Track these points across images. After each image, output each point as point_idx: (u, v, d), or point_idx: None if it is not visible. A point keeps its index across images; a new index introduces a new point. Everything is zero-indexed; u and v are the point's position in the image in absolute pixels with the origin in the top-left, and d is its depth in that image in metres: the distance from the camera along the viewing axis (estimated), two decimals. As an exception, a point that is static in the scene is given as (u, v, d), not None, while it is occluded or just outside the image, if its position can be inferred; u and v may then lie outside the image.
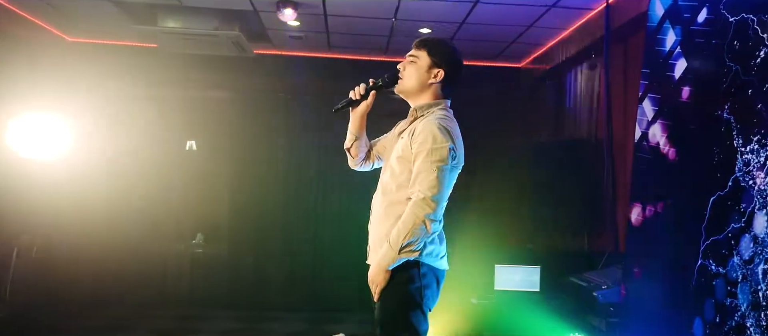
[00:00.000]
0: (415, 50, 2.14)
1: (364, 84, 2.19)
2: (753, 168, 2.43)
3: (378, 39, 5.54)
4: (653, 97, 3.34)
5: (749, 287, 2.39)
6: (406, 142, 2.07)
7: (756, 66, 2.48)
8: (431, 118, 2.07)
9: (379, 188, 2.17)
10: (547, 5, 4.38)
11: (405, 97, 2.20)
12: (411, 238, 1.92)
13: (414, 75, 2.12)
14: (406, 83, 2.14)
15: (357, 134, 2.32)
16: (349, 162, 2.47)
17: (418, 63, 2.12)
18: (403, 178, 2.06)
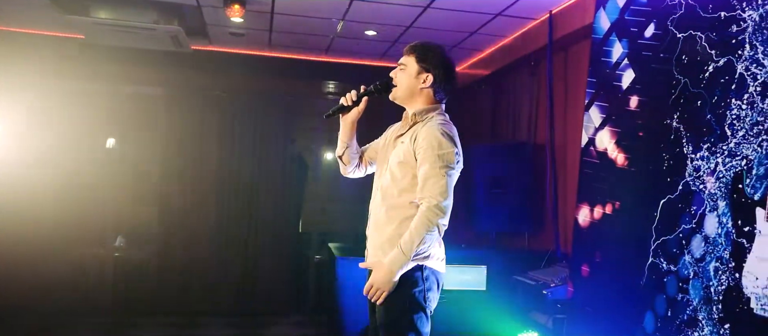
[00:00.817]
0: (404, 57, 2.16)
1: (355, 90, 2.18)
2: (703, 173, 2.64)
3: (321, 39, 5.50)
4: (600, 105, 3.54)
5: (701, 283, 2.59)
6: (408, 147, 2.08)
7: (705, 79, 2.70)
8: (432, 124, 2.10)
9: (377, 193, 2.17)
10: (494, 13, 4.52)
11: (400, 103, 2.21)
12: (425, 243, 1.94)
13: (404, 82, 2.14)
14: (399, 90, 2.16)
15: (348, 142, 2.31)
16: (341, 169, 2.45)
17: (406, 70, 2.15)
18: (405, 183, 2.08)
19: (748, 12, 2.49)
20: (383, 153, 2.24)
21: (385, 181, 2.13)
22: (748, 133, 2.41)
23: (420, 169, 1.99)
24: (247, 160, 6.38)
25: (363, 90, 2.19)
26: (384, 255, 2.05)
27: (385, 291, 1.94)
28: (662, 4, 3.08)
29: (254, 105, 6.34)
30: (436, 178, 1.96)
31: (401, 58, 2.18)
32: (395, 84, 2.15)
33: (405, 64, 2.14)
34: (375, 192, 2.20)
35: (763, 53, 2.40)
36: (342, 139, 2.30)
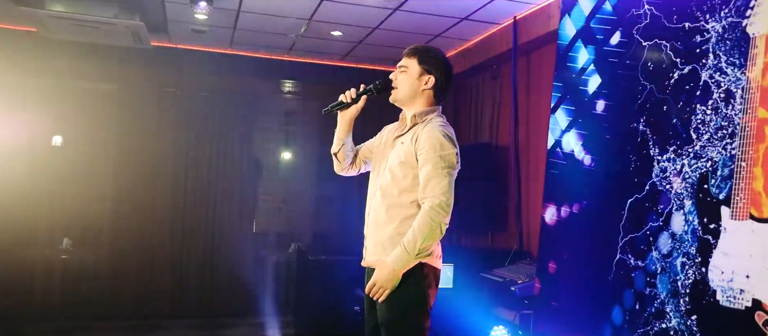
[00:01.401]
0: (405, 59, 2.20)
1: (355, 88, 2.21)
2: (670, 174, 2.81)
3: (286, 38, 5.47)
4: (567, 108, 3.69)
5: (668, 278, 2.75)
6: (409, 148, 2.12)
7: (670, 86, 2.87)
8: (433, 125, 2.15)
9: (377, 193, 2.19)
10: (460, 17, 4.63)
11: (399, 104, 2.25)
12: (428, 242, 1.98)
13: (406, 83, 2.18)
14: (400, 92, 2.19)
15: (344, 139, 2.33)
16: (335, 167, 2.46)
17: (408, 72, 2.18)
18: (406, 182, 2.12)
19: (712, 23, 2.67)
20: (381, 153, 2.28)
21: (385, 180, 2.17)
22: (713, 137, 2.58)
23: (422, 169, 2.04)
24: (203, 159, 6.27)
25: (363, 88, 2.22)
26: (385, 253, 2.09)
27: (388, 289, 1.97)
28: (628, 14, 3.24)
29: (212, 103, 6.23)
30: (439, 178, 2.01)
31: (402, 61, 2.21)
32: (395, 85, 2.18)
33: (406, 66, 2.18)
34: (374, 191, 2.22)
35: (726, 62, 2.57)
36: (338, 135, 2.32)
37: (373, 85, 2.22)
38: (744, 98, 2.46)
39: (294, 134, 6.94)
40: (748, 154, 2.40)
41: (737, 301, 2.38)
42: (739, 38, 2.52)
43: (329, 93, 6.51)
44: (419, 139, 2.10)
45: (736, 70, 2.52)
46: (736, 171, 2.45)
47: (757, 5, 2.46)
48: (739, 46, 2.51)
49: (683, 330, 2.63)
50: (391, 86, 2.19)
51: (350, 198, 6.68)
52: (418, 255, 1.99)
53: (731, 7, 2.58)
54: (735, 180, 2.45)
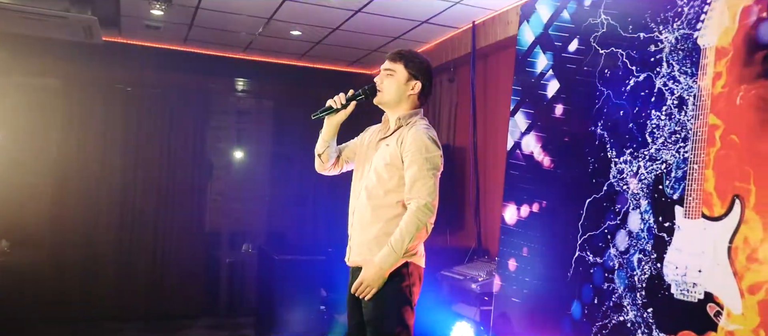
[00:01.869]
0: (390, 63, 2.23)
1: (343, 94, 2.24)
2: (627, 175, 2.97)
3: (242, 37, 5.42)
4: (526, 111, 3.83)
5: (625, 273, 2.92)
6: (395, 149, 2.17)
7: (626, 92, 3.04)
8: (418, 128, 2.21)
9: (361, 194, 2.22)
10: (420, 21, 4.72)
11: (384, 107, 2.29)
12: (415, 241, 2.02)
13: (393, 87, 2.22)
14: (386, 96, 2.23)
15: (329, 141, 2.35)
16: (317, 166, 2.48)
17: (395, 76, 2.22)
18: (392, 183, 2.16)
19: (665, 34, 2.85)
20: (364, 154, 2.31)
21: (370, 181, 2.21)
22: (667, 141, 2.76)
23: (408, 170, 2.09)
24: (153, 158, 6.14)
25: (351, 94, 2.25)
26: (371, 253, 2.13)
27: (375, 288, 2.01)
28: (585, 23, 3.40)
29: (163, 101, 6.11)
30: (425, 179, 2.07)
31: (387, 64, 2.25)
32: (380, 89, 2.22)
33: (393, 70, 2.22)
34: (358, 192, 2.26)
35: (678, 71, 2.75)
36: (324, 138, 2.35)
37: (361, 89, 2.25)
38: (696, 105, 2.64)
39: (247, 133, 6.88)
40: (700, 157, 2.58)
41: (690, 294, 2.56)
42: (690, 49, 2.70)
43: (284, 92, 6.64)
44: (405, 141, 2.16)
45: (688, 78, 2.70)
46: (688, 173, 2.63)
47: (707, 19, 2.65)
48: (691, 57, 2.69)
49: (640, 322, 2.80)
50: (374, 88, 2.23)
51: (305, 198, 6.69)
52: (405, 254, 2.04)
53: (683, 20, 2.76)
54: (688, 181, 2.63)
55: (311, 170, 6.73)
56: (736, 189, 2.41)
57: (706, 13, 2.65)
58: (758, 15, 2.42)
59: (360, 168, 2.30)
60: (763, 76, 2.36)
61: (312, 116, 2.31)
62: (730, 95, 2.49)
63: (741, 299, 2.34)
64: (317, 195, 6.64)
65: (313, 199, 6.71)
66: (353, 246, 2.24)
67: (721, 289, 2.43)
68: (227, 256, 6.63)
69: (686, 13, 2.75)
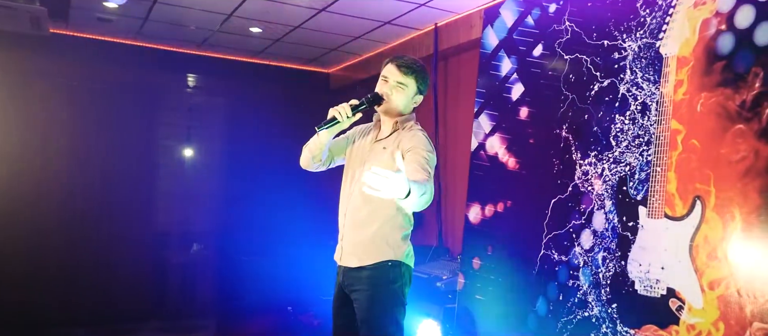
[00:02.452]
0: (403, 77, 2.23)
1: (347, 104, 2.23)
2: (591, 177, 3.10)
3: (199, 32, 5.31)
4: (490, 113, 3.93)
5: (590, 270, 3.04)
6: (393, 151, 2.19)
7: (591, 97, 3.17)
8: (416, 131, 2.26)
9: (355, 195, 2.23)
10: (383, 21, 4.75)
11: (386, 115, 2.30)
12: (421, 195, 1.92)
13: (402, 100, 2.24)
14: (394, 107, 2.25)
15: (326, 144, 2.35)
16: (303, 163, 2.47)
17: (406, 91, 2.24)
18: None
19: (628, 42, 2.99)
20: (358, 155, 2.32)
21: None
22: (631, 144, 2.90)
23: (409, 158, 2.10)
24: (100, 156, 5.92)
25: (356, 103, 2.25)
26: (366, 253, 2.17)
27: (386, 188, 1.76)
28: (549, 29, 3.52)
29: (112, 96, 5.90)
30: (425, 164, 2.10)
31: (397, 76, 2.23)
32: (387, 99, 2.23)
33: (406, 84, 2.23)
34: (351, 193, 2.26)
35: (642, 78, 2.89)
36: (323, 142, 2.34)
37: (365, 99, 2.26)
38: (658, 111, 2.78)
39: (199, 131, 6.72)
40: (663, 160, 2.72)
41: (654, 290, 2.70)
42: (653, 57, 2.85)
43: (237, 90, 6.52)
44: (403, 141, 2.19)
45: (650, 85, 2.84)
46: (651, 175, 2.77)
47: (669, 29, 2.80)
48: (654, 65, 2.84)
49: (605, 317, 2.93)
50: (381, 99, 2.23)
51: (259, 196, 6.60)
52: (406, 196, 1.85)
53: (646, 29, 2.90)
54: (651, 183, 2.77)
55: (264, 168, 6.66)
56: (697, 190, 2.56)
57: (668, 23, 2.80)
58: (717, 28, 2.57)
59: (353, 170, 2.31)
60: (722, 85, 2.52)
61: (316, 129, 2.29)
62: (691, 102, 2.64)
63: (702, 294, 2.49)
64: (272, 193, 6.57)
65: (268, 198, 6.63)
66: (346, 246, 2.25)
67: (683, 285, 2.58)
68: (177, 257, 6.47)
69: (649, 23, 2.89)
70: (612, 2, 3.11)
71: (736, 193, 2.40)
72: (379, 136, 2.29)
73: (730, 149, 2.44)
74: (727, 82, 2.50)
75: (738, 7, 2.50)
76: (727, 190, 2.44)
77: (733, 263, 2.39)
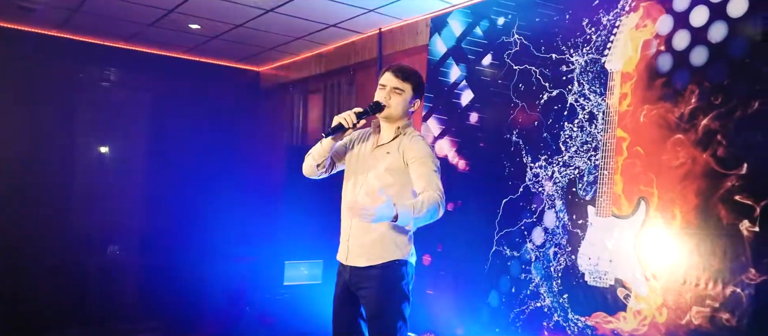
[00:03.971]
0: (400, 82, 2.33)
1: (352, 112, 2.30)
2: (542, 179, 3.38)
3: (133, 26, 5.10)
4: (439, 117, 4.13)
5: (541, 265, 3.32)
6: (396, 155, 2.30)
7: (540, 105, 3.45)
8: (416, 136, 2.38)
9: (362, 197, 2.30)
10: (329, 24, 4.82)
11: (387, 121, 2.39)
12: (429, 215, 2.13)
13: (401, 105, 2.35)
14: (394, 112, 2.34)
15: (330, 151, 2.42)
16: (306, 171, 2.51)
17: (403, 95, 2.35)
18: (395, 188, 2.28)
19: (576, 57, 3.29)
20: (362, 161, 2.40)
21: (371, 186, 2.30)
22: (579, 149, 3.20)
23: (419, 170, 2.23)
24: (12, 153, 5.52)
25: (360, 111, 2.33)
26: (374, 252, 2.27)
27: (373, 217, 2.00)
28: (498, 40, 3.78)
29: (26, 91, 5.51)
30: (435, 176, 2.24)
31: (394, 82, 2.33)
32: (388, 105, 2.33)
33: (403, 89, 2.34)
34: (361, 196, 2.33)
35: (589, 90, 3.20)
36: (326, 149, 2.40)
37: (368, 107, 2.34)
38: (605, 120, 3.10)
39: (122, 127, 6.43)
40: (610, 164, 3.04)
41: (602, 280, 3.01)
42: (599, 71, 3.17)
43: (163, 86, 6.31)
44: (407, 148, 2.31)
45: (597, 96, 3.16)
46: (599, 178, 3.09)
47: (613, 47, 3.12)
48: (600, 78, 3.16)
49: (556, 307, 3.22)
50: (382, 107, 2.34)
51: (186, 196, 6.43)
52: (417, 219, 2.14)
53: (592, 46, 3.22)
54: (599, 185, 3.09)
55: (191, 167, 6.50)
56: (641, 192, 2.90)
57: (612, 42, 3.12)
58: (657, 48, 2.92)
59: (356, 174, 2.40)
60: (662, 99, 2.86)
61: (323, 135, 2.35)
62: (634, 113, 2.97)
63: (646, 283, 2.83)
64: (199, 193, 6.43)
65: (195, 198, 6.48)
66: (353, 247, 2.34)
67: (629, 275, 2.90)
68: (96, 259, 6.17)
69: (594, 41, 3.21)
70: (559, 19, 3.40)
71: (676, 194, 2.75)
72: (380, 141, 2.40)
73: (670, 156, 2.79)
74: (666, 96, 2.84)
75: (675, 31, 2.85)
76: (668, 191, 2.78)
77: (674, 255, 2.73)
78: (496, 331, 3.52)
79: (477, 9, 3.96)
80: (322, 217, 5.10)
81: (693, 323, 2.63)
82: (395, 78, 2.35)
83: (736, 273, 2.50)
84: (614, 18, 3.10)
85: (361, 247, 2.31)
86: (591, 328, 3.03)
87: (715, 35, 2.68)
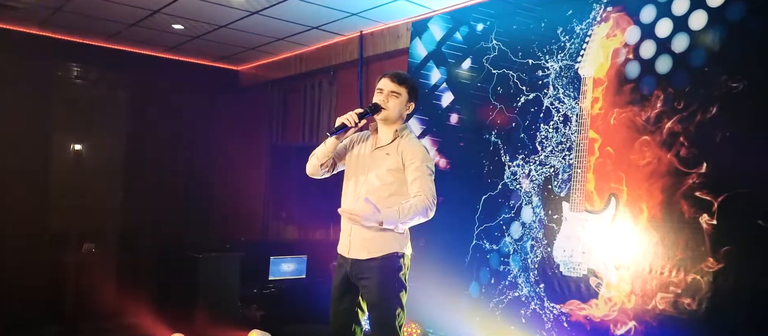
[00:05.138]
0: (396, 86, 2.52)
1: (354, 113, 2.48)
2: (520, 177, 3.61)
3: (115, 25, 5.15)
4: (420, 118, 4.33)
5: (520, 257, 3.55)
6: (396, 157, 2.48)
7: (518, 107, 3.67)
8: (413, 138, 2.58)
9: (363, 195, 2.46)
10: (311, 26, 4.96)
11: (384, 123, 2.57)
12: (416, 218, 2.39)
13: (397, 108, 2.54)
14: (391, 114, 2.53)
15: (334, 151, 2.58)
16: (311, 171, 2.67)
17: (400, 98, 2.54)
18: (394, 187, 2.48)
19: (551, 63, 3.52)
20: (361, 161, 2.58)
21: (372, 186, 2.48)
22: (555, 149, 3.44)
23: (413, 174, 2.43)
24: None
25: (361, 111, 2.50)
26: (375, 247, 2.45)
27: (359, 221, 2.36)
28: (477, 45, 3.99)
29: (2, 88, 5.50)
30: (428, 181, 2.44)
31: (391, 86, 2.52)
32: (386, 107, 2.52)
33: (399, 92, 2.52)
34: (356, 196, 2.50)
35: (563, 93, 3.44)
36: (330, 149, 2.57)
37: (368, 107, 2.52)
38: (578, 122, 3.34)
39: (98, 126, 6.44)
40: (583, 163, 3.29)
41: (576, 270, 3.25)
42: (573, 77, 3.40)
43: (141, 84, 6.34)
44: (405, 150, 2.50)
45: (571, 100, 3.39)
46: (573, 176, 3.33)
47: (586, 54, 3.36)
48: (573, 83, 3.40)
49: (533, 296, 3.45)
50: (380, 108, 2.52)
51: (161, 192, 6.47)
52: (403, 224, 2.41)
53: (566, 52, 3.46)
54: (573, 182, 3.33)
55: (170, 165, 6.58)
56: (611, 189, 3.15)
57: (585, 49, 3.36)
58: (626, 56, 3.17)
59: (357, 174, 2.57)
60: (631, 103, 3.11)
61: (328, 134, 2.52)
62: (605, 116, 3.22)
63: (616, 272, 3.08)
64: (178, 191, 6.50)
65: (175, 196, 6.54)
66: (355, 241, 2.51)
67: (601, 266, 3.15)
68: (72, 257, 6.17)
69: (568, 48, 3.45)
70: (535, 27, 3.63)
71: (643, 191, 3.00)
72: (378, 143, 2.58)
73: (638, 155, 3.04)
74: (634, 101, 3.10)
75: (642, 40, 3.10)
76: (636, 188, 3.04)
77: (641, 246, 2.99)
78: (477, 320, 3.74)
79: (457, 15, 4.16)
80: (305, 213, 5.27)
81: (658, 308, 2.89)
82: (392, 82, 2.54)
83: (696, 262, 2.76)
84: (587, 27, 3.34)
85: (362, 241, 2.48)
86: (566, 315, 3.27)
87: (678, 45, 2.93)
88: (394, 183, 2.49)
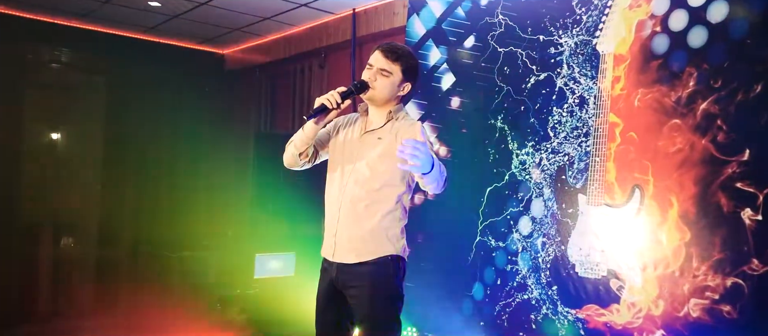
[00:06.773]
0: (387, 63, 2.11)
1: (336, 92, 2.08)
2: (529, 166, 3.24)
3: (89, 4, 4.75)
4: (418, 102, 3.95)
5: (529, 255, 3.18)
6: (392, 142, 2.09)
7: (527, 89, 3.30)
8: (410, 120, 2.19)
9: (353, 188, 2.09)
10: (299, 4, 4.57)
11: (372, 103, 2.18)
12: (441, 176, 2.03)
13: (387, 88, 2.13)
14: (378, 94, 2.13)
15: (314, 138, 2.19)
16: (289, 162, 2.28)
17: (391, 77, 2.13)
18: (387, 176, 2.09)
19: (565, 38, 3.14)
20: (349, 148, 2.19)
21: (362, 175, 2.10)
22: (569, 135, 3.07)
23: None
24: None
25: (344, 90, 2.11)
26: (365, 246, 2.07)
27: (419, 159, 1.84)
28: (481, 21, 3.61)
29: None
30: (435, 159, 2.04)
31: (382, 63, 2.12)
32: (373, 87, 2.12)
33: (390, 71, 2.12)
34: (343, 186, 2.13)
35: (579, 73, 3.06)
36: (309, 136, 2.18)
37: (352, 86, 2.13)
38: (597, 104, 2.97)
39: (74, 112, 6.04)
40: (602, 151, 2.92)
41: (594, 271, 2.89)
42: (590, 54, 3.03)
43: (120, 67, 5.94)
44: (400, 130, 2.12)
45: (588, 80, 3.02)
46: (590, 165, 2.96)
47: (605, 28, 2.99)
48: (591, 61, 3.02)
49: (545, 299, 3.09)
50: (367, 86, 2.12)
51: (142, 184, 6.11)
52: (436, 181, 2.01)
53: (582, 26, 3.08)
54: (590, 172, 2.96)
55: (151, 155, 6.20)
56: (635, 180, 2.78)
57: (604, 22, 2.98)
58: (653, 29, 2.79)
59: (342, 162, 2.18)
60: (658, 82, 2.74)
61: (304, 118, 2.14)
62: (628, 97, 2.85)
63: (641, 274, 2.71)
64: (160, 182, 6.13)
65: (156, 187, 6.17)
66: (341, 242, 2.12)
67: (623, 266, 2.79)
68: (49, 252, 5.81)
69: (585, 22, 3.07)
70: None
71: (673, 182, 2.64)
72: (369, 126, 2.19)
73: (667, 142, 2.67)
74: (662, 79, 2.72)
75: (672, 10, 2.72)
76: (664, 179, 2.67)
77: (671, 245, 2.63)
78: (481, 325, 3.38)
79: (459, -12, 3.78)
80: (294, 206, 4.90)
81: (691, 316, 2.53)
82: (384, 58, 2.14)
83: (738, 263, 2.40)
84: (606, -3, 2.97)
85: (350, 241, 2.10)
86: (582, 321, 2.91)
87: (715, 15, 2.56)
88: (387, 172, 2.10)
